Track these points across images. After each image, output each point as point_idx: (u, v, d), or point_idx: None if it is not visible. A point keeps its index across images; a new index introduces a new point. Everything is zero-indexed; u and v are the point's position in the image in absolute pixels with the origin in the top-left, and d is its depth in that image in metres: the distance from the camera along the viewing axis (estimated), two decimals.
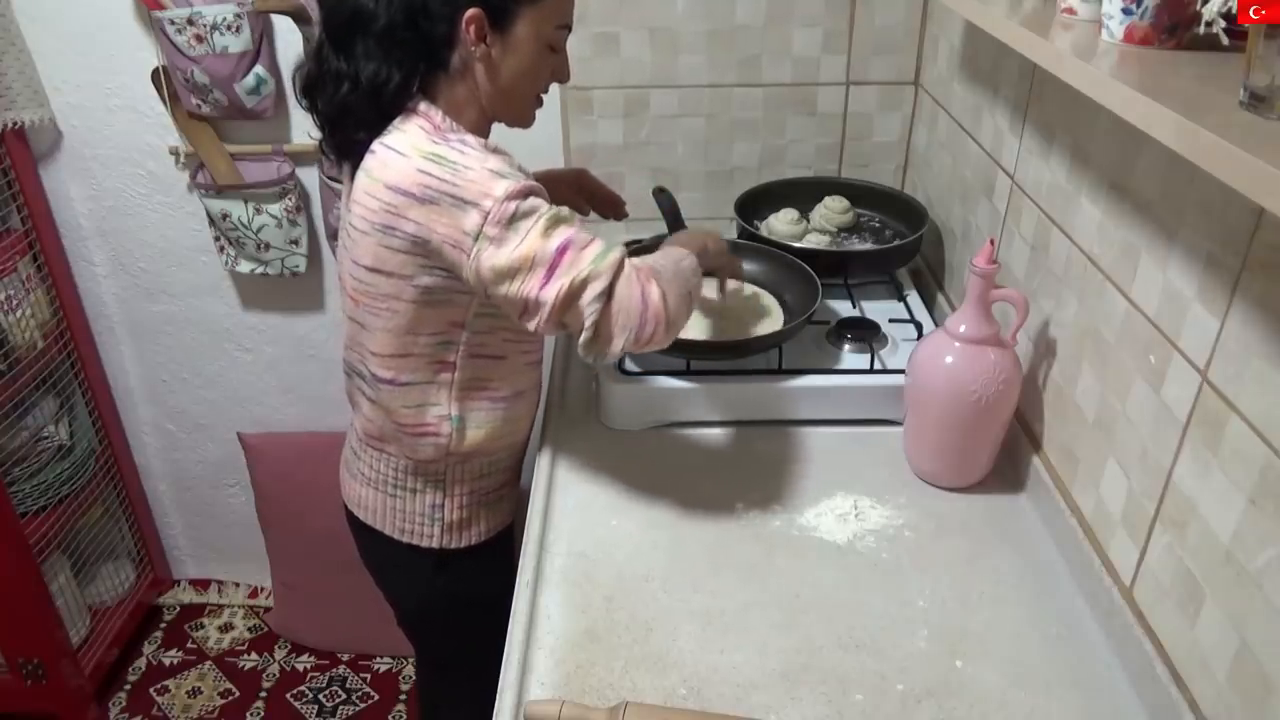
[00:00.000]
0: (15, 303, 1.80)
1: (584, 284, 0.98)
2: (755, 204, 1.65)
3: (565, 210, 1.02)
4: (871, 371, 1.31)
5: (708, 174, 1.78)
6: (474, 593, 1.29)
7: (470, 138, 1.03)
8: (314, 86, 1.07)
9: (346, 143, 1.07)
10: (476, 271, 0.99)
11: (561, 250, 0.98)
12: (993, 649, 0.98)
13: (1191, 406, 0.85)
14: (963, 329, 1.11)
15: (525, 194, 0.99)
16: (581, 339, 1.01)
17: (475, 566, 1.29)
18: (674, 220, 1.60)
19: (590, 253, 0.99)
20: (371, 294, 1.07)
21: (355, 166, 1.07)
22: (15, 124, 1.71)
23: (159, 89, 1.71)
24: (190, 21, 1.58)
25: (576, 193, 1.42)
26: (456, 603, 1.30)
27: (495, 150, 1.04)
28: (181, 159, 1.79)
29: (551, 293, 0.98)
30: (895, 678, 0.95)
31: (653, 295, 1.01)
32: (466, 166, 0.98)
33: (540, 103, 1.14)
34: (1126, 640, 0.95)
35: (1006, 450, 1.21)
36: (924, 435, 1.20)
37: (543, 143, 1.74)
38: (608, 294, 0.99)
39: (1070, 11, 0.95)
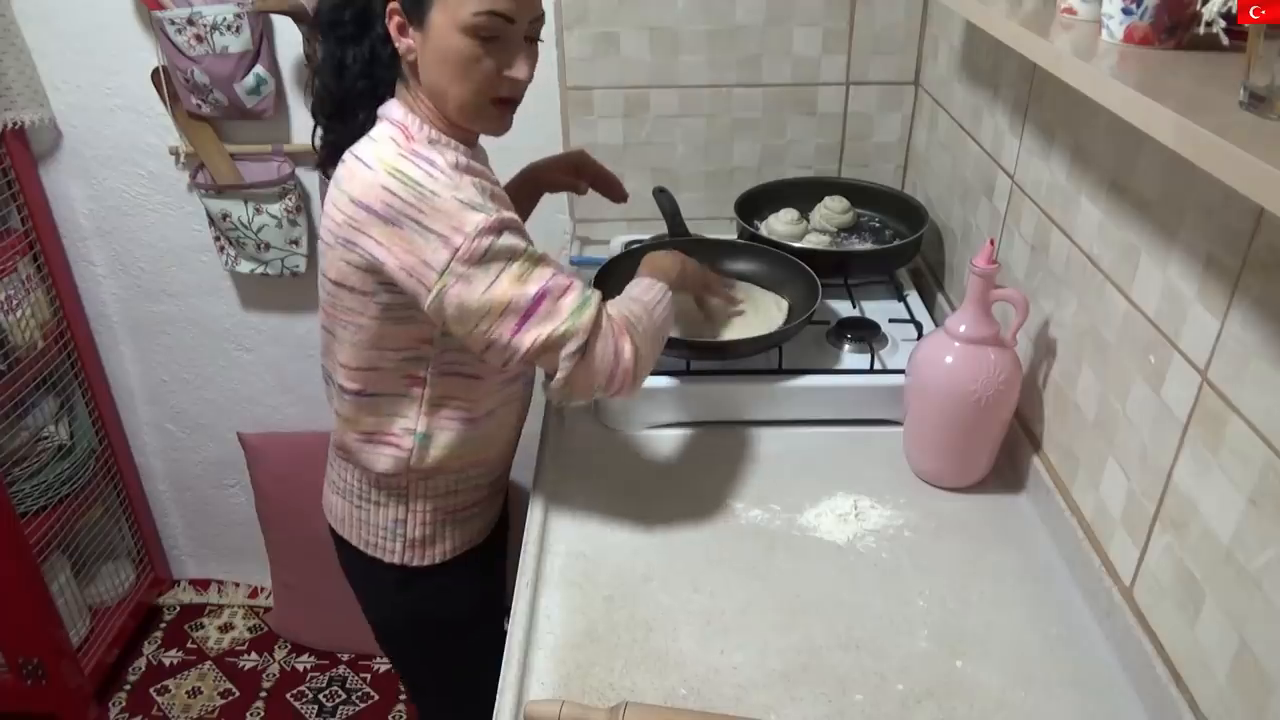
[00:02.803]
0: (15, 303, 1.80)
1: (560, 340, 0.96)
2: (755, 204, 1.65)
3: (543, 253, 0.98)
4: (871, 371, 1.31)
5: (708, 174, 1.78)
6: (440, 613, 1.24)
7: (440, 158, 0.97)
8: (317, 99, 1.08)
9: (331, 153, 1.06)
10: (439, 308, 0.95)
11: (539, 298, 0.95)
12: (993, 649, 0.98)
13: (1191, 406, 0.85)
14: (963, 329, 1.11)
15: (499, 229, 0.94)
16: (551, 384, 1.00)
17: (440, 585, 1.23)
18: (674, 220, 1.61)
19: (568, 303, 0.96)
20: (338, 307, 1.05)
21: None
22: (15, 124, 1.71)
23: (159, 89, 1.71)
24: (190, 21, 1.58)
25: (575, 173, 1.36)
26: (421, 623, 1.25)
27: (468, 169, 0.99)
28: (181, 159, 1.79)
29: (526, 341, 0.95)
30: (895, 678, 0.95)
31: (625, 353, 0.99)
32: (433, 192, 0.93)
33: (505, 106, 1.03)
34: (1126, 640, 0.95)
35: (1006, 450, 1.21)
36: (924, 435, 1.20)
37: (543, 143, 1.73)
38: (583, 350, 0.97)
39: (1070, 11, 0.95)
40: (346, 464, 1.19)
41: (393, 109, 1.02)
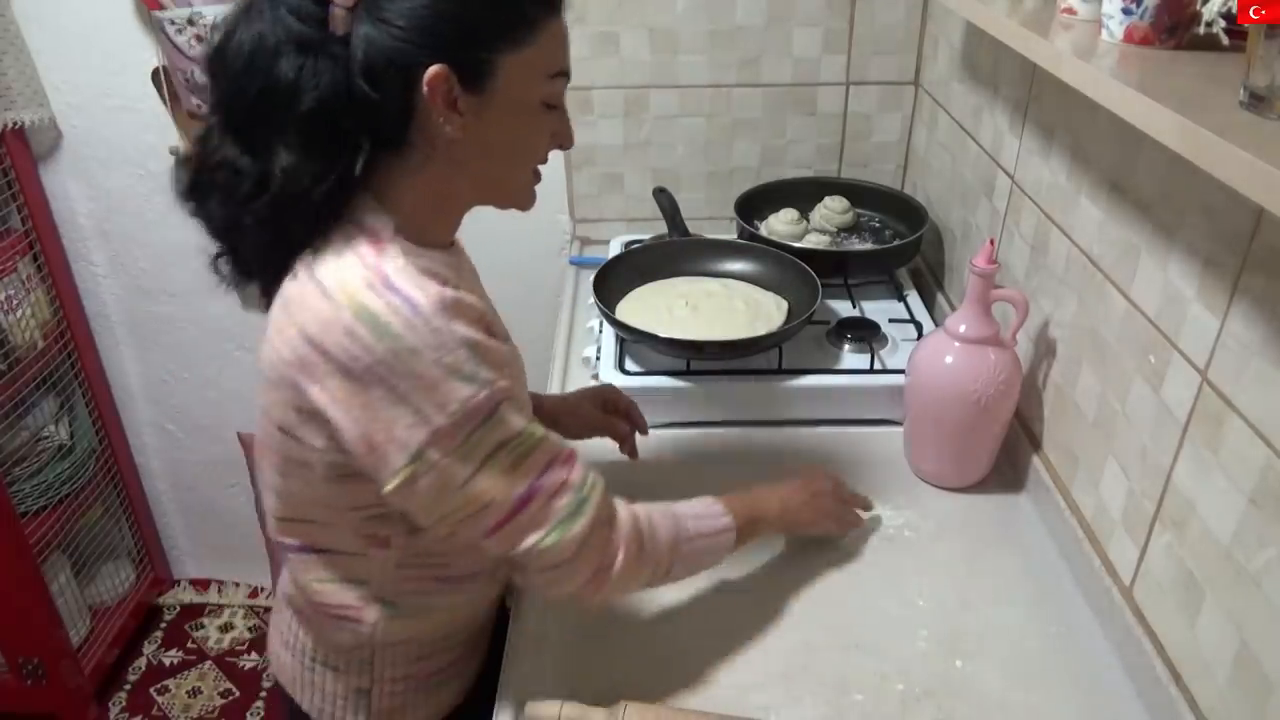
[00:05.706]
0: (15, 303, 1.80)
1: (542, 554, 0.78)
2: (755, 204, 1.65)
3: (540, 431, 0.78)
4: (871, 371, 1.31)
5: (708, 174, 1.78)
6: None
7: (421, 294, 0.72)
8: (203, 187, 0.80)
9: (253, 263, 0.83)
10: (403, 496, 0.75)
11: (525, 500, 0.77)
12: (993, 649, 0.98)
13: (1191, 406, 0.85)
14: (963, 329, 1.11)
15: (492, 408, 0.74)
16: (519, 579, 0.89)
17: None
18: (674, 220, 1.60)
19: (560, 507, 0.78)
20: (280, 453, 0.82)
21: (267, 287, 0.82)
22: (15, 124, 1.71)
23: (159, 89, 1.71)
24: (190, 21, 1.58)
25: (602, 409, 1.16)
26: None
27: (455, 305, 0.74)
28: (181, 159, 1.79)
29: (496, 547, 0.79)
30: (895, 678, 0.95)
31: (614, 567, 0.82)
32: (411, 350, 0.71)
33: (539, 177, 0.86)
34: (1126, 640, 0.95)
35: (1006, 450, 1.21)
36: (924, 435, 1.20)
37: None
38: (560, 568, 0.80)
39: (1070, 11, 0.95)
40: (296, 620, 0.96)
41: (363, 213, 0.77)
